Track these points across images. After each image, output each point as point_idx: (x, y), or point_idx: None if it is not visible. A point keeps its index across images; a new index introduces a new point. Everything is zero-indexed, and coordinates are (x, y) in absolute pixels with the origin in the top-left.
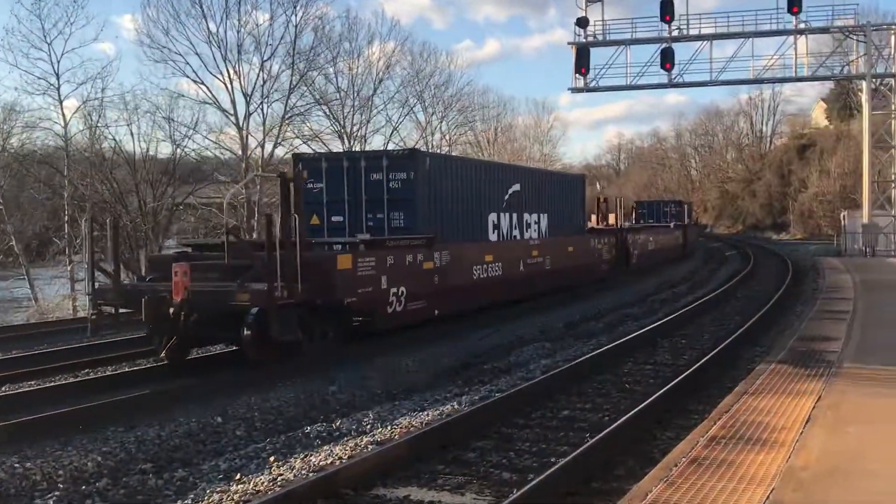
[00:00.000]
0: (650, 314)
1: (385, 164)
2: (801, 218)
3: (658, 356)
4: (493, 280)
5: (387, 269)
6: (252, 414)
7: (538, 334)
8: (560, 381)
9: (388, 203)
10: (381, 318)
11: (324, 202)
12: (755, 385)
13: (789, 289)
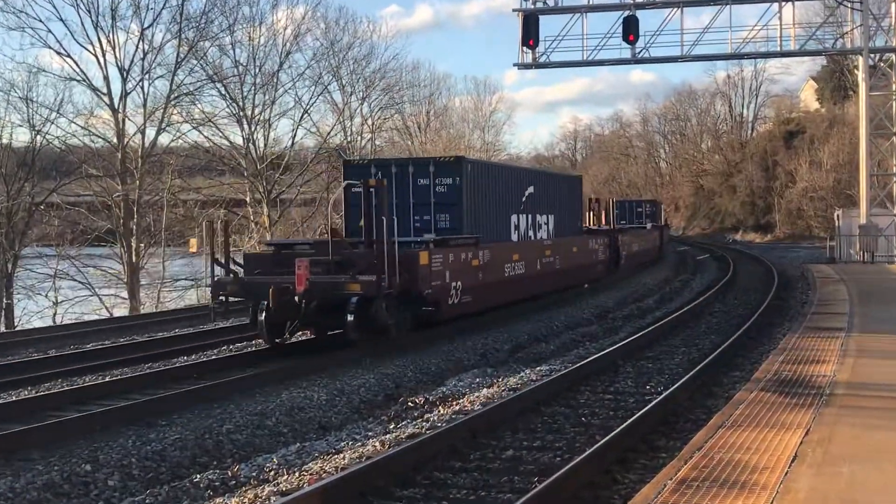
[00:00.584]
0: (611, 333)
1: (432, 170)
2: (789, 218)
3: (620, 383)
4: (518, 277)
5: (449, 265)
6: None
7: (478, 359)
8: (503, 414)
9: (435, 206)
10: (445, 308)
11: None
12: (733, 416)
13: (774, 302)
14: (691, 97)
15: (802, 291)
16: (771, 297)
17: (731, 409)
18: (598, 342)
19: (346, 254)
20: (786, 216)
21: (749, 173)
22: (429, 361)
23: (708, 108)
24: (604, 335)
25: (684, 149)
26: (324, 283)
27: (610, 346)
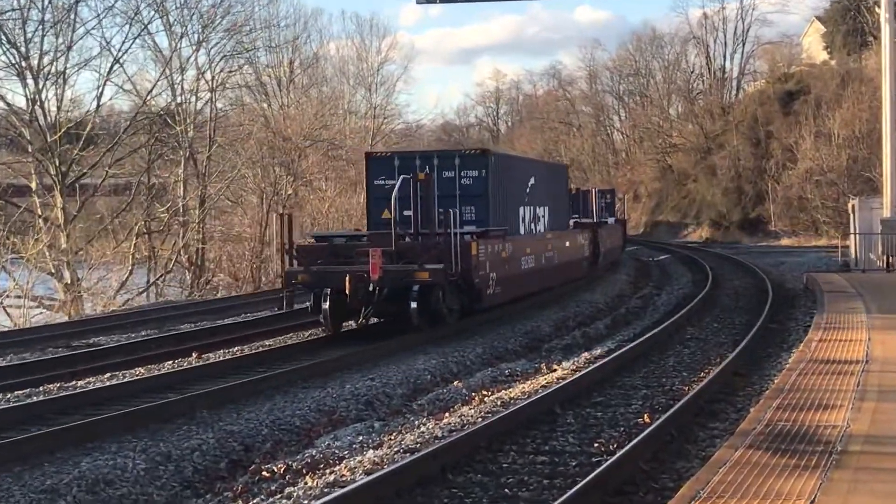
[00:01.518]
0: (546, 369)
1: (457, 163)
2: (788, 210)
3: (558, 440)
4: (529, 272)
5: (489, 256)
6: None
7: (362, 408)
8: (395, 485)
9: (460, 199)
10: (485, 297)
11: (396, 199)
12: (711, 484)
13: (767, 326)
14: (655, 44)
15: (806, 311)
16: (763, 319)
17: (709, 473)
18: (529, 382)
19: (408, 244)
20: (783, 207)
21: (734, 149)
22: (292, 409)
23: (678, 59)
24: (536, 373)
25: (646, 115)
26: (395, 271)
27: (545, 388)
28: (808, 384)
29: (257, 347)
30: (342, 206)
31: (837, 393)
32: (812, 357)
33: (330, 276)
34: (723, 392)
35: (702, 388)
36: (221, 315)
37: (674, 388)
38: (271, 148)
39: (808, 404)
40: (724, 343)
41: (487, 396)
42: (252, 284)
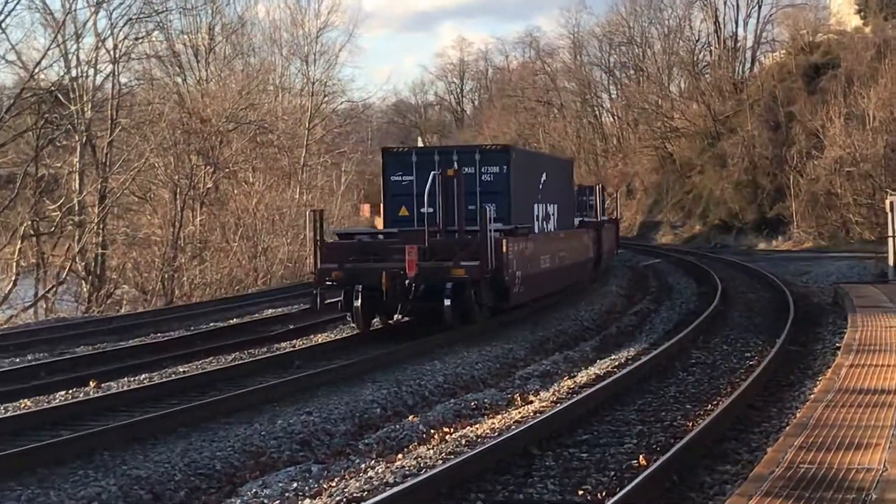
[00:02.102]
0: (521, 400)
1: (478, 158)
2: (813, 208)
3: (534, 487)
4: (545, 272)
5: (515, 255)
6: None
7: (298, 449)
8: None
9: (481, 195)
10: (512, 296)
11: (414, 194)
12: None
13: (789, 349)
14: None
15: (834, 330)
16: (783, 341)
17: None
18: (500, 416)
19: (441, 241)
20: (808, 205)
21: (748, 135)
22: (212, 450)
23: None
24: (508, 406)
25: (642, 93)
26: (431, 267)
27: (519, 423)
28: (836, 418)
29: (169, 375)
30: (273, 202)
31: (872, 429)
32: (842, 386)
33: (364, 273)
34: (734, 428)
35: (709, 423)
36: (125, 335)
37: (675, 424)
38: (186, 132)
39: (836, 443)
40: (735, 369)
41: (449, 434)
42: (163, 298)
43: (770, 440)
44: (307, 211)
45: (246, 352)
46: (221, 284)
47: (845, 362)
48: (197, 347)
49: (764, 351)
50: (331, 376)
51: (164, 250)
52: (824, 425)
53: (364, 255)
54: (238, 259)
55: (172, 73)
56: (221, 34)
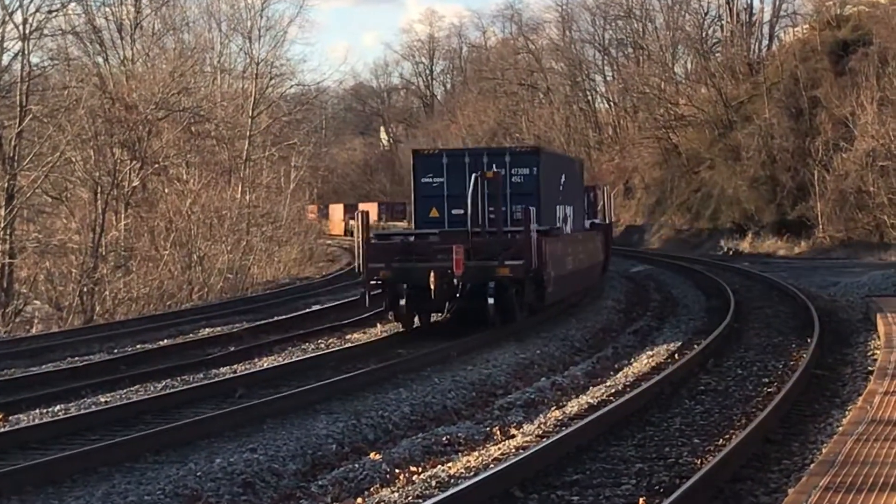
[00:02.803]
0: (500, 433)
1: (507, 160)
2: (842, 208)
3: None
4: (570, 272)
5: (550, 255)
6: None
7: (239, 491)
8: None
9: (511, 197)
10: (546, 295)
11: (444, 195)
12: None
13: (813, 373)
14: None
15: (866, 352)
16: (807, 364)
17: None
18: (477, 452)
19: (483, 241)
20: (835, 205)
21: (765, 123)
22: (138, 494)
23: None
24: (486, 440)
25: (642, 75)
26: (477, 266)
27: (498, 461)
28: (869, 455)
29: (89, 405)
30: (210, 203)
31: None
32: (875, 416)
33: (411, 272)
34: (750, 466)
35: (720, 460)
36: (37, 359)
37: (681, 462)
38: (109, 121)
39: (869, 483)
40: (751, 397)
41: (417, 474)
42: (82, 315)
43: (791, 480)
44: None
45: (179, 378)
46: (150, 299)
47: (879, 389)
48: (121, 373)
49: (784, 376)
50: (278, 407)
51: (83, 260)
52: (854, 462)
53: (407, 256)
54: (170, 270)
55: (92, 52)
56: (150, 6)
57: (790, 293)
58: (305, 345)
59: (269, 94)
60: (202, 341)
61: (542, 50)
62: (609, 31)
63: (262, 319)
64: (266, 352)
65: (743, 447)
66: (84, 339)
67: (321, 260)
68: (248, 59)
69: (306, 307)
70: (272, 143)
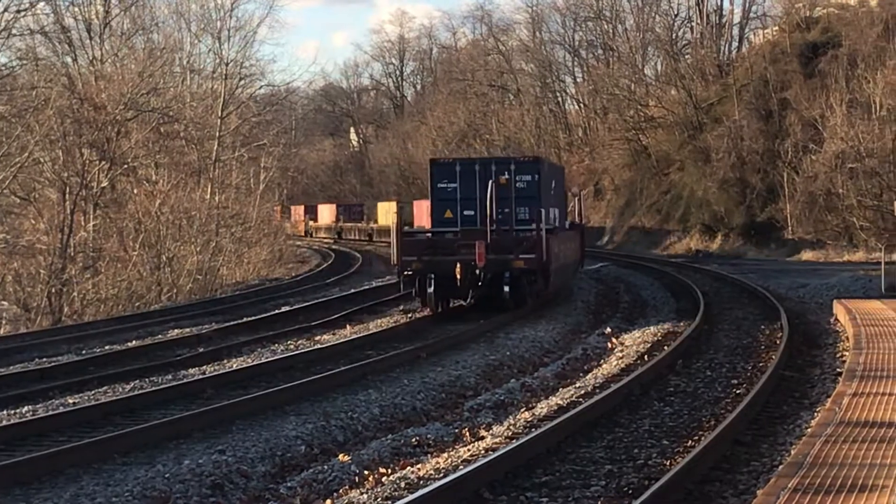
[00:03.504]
0: (470, 435)
1: (512, 168)
2: (811, 211)
3: None
4: (562, 266)
5: (553, 250)
6: None
7: (207, 492)
8: None
9: (515, 200)
10: (551, 284)
11: (457, 199)
12: None
13: (782, 375)
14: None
15: (835, 354)
16: (776, 365)
17: None
18: (446, 454)
19: (500, 237)
20: (804, 207)
21: (735, 125)
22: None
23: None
24: (455, 442)
25: (612, 77)
26: (496, 259)
27: (468, 463)
28: (837, 456)
29: (57, 407)
30: (179, 203)
31: (879, 468)
32: (843, 418)
33: (439, 264)
34: (719, 468)
35: (689, 461)
36: (4, 361)
37: (650, 463)
38: (78, 121)
39: (837, 485)
40: (720, 398)
41: (386, 475)
42: (50, 316)
43: (760, 481)
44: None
45: (147, 380)
46: (119, 300)
47: (847, 390)
48: (89, 375)
49: (753, 377)
50: (247, 408)
51: (51, 260)
52: (823, 464)
53: (434, 250)
54: (138, 270)
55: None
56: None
57: (759, 295)
58: (275, 346)
59: (238, 94)
60: (171, 342)
61: (513, 51)
62: (579, 32)
63: (232, 321)
64: (235, 353)
65: (712, 449)
66: (52, 341)
67: (291, 261)
68: (217, 59)
69: (276, 308)
70: (242, 144)
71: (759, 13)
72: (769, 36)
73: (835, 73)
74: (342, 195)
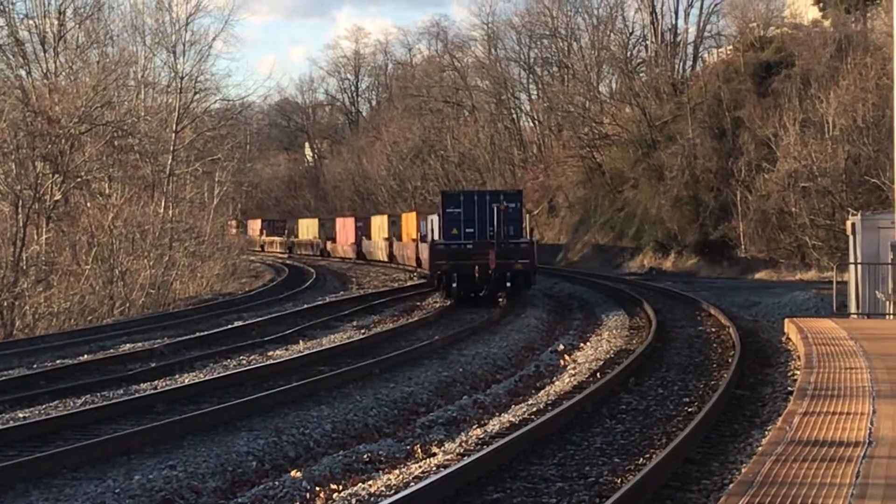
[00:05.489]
0: (422, 453)
1: (501, 198)
2: (763, 229)
3: None
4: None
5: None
6: None
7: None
8: None
9: (504, 221)
10: (533, 281)
11: (461, 220)
12: None
13: (733, 393)
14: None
15: (786, 372)
16: (728, 384)
17: None
18: (398, 471)
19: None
20: (757, 226)
21: (689, 143)
22: None
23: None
24: (407, 458)
25: (567, 94)
26: (502, 263)
27: (419, 479)
28: (787, 475)
29: (6, 421)
30: (133, 217)
31: (829, 487)
32: (794, 437)
33: (462, 266)
34: (669, 486)
35: (640, 479)
36: None
37: (601, 481)
38: (31, 134)
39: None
40: (672, 416)
41: (337, 492)
42: (1, 330)
43: (711, 500)
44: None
45: (99, 394)
46: (71, 314)
47: (798, 409)
48: (40, 389)
49: (705, 395)
50: (199, 423)
51: (3, 274)
52: (773, 482)
53: (457, 256)
54: (91, 284)
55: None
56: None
57: (711, 313)
58: (227, 361)
59: (193, 108)
60: (123, 357)
61: (468, 68)
62: (534, 49)
63: (184, 335)
64: (188, 368)
65: (663, 467)
66: (3, 354)
67: (244, 276)
68: (172, 73)
69: (229, 323)
70: (196, 158)
71: (714, 32)
72: (723, 55)
73: (788, 92)
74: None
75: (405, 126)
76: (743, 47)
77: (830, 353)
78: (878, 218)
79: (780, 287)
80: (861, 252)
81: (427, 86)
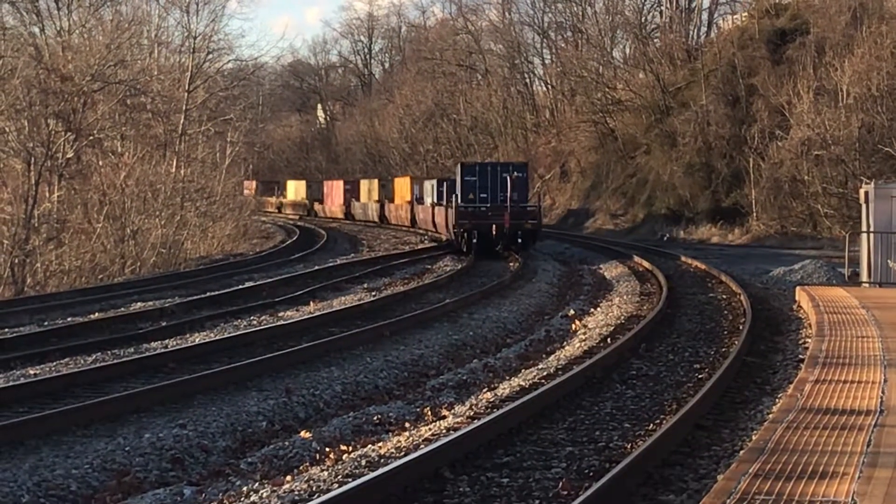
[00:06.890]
0: (432, 415)
1: (511, 168)
2: (776, 197)
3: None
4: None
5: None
6: None
7: (167, 466)
8: None
9: (512, 187)
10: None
11: (477, 187)
12: None
13: (744, 360)
14: None
15: (797, 340)
16: (738, 351)
17: None
18: (407, 433)
19: (516, 209)
20: (770, 194)
21: (702, 110)
22: (66, 467)
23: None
24: (417, 421)
25: (580, 59)
26: (515, 223)
27: (429, 442)
28: (798, 443)
29: (17, 378)
30: (145, 176)
31: (840, 455)
32: (805, 405)
33: (481, 225)
34: (680, 451)
35: (650, 445)
36: None
37: (611, 446)
38: (44, 91)
39: (797, 471)
40: (682, 383)
41: (347, 453)
42: (12, 287)
43: (721, 466)
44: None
45: (109, 352)
46: (82, 272)
47: (809, 377)
48: (51, 346)
49: (715, 362)
50: (209, 383)
51: (15, 231)
52: (784, 450)
53: (476, 217)
54: (102, 243)
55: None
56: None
57: (723, 281)
58: (238, 321)
59: (206, 68)
60: (134, 315)
61: (482, 31)
62: (549, 14)
63: (195, 295)
64: (198, 327)
65: (673, 432)
66: (14, 311)
67: (255, 236)
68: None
69: (239, 283)
70: (208, 118)
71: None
72: (738, 22)
73: (802, 60)
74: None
75: (418, 89)
76: (758, 14)
77: (842, 322)
78: (891, 187)
79: (792, 255)
80: (874, 221)
81: (440, 49)
